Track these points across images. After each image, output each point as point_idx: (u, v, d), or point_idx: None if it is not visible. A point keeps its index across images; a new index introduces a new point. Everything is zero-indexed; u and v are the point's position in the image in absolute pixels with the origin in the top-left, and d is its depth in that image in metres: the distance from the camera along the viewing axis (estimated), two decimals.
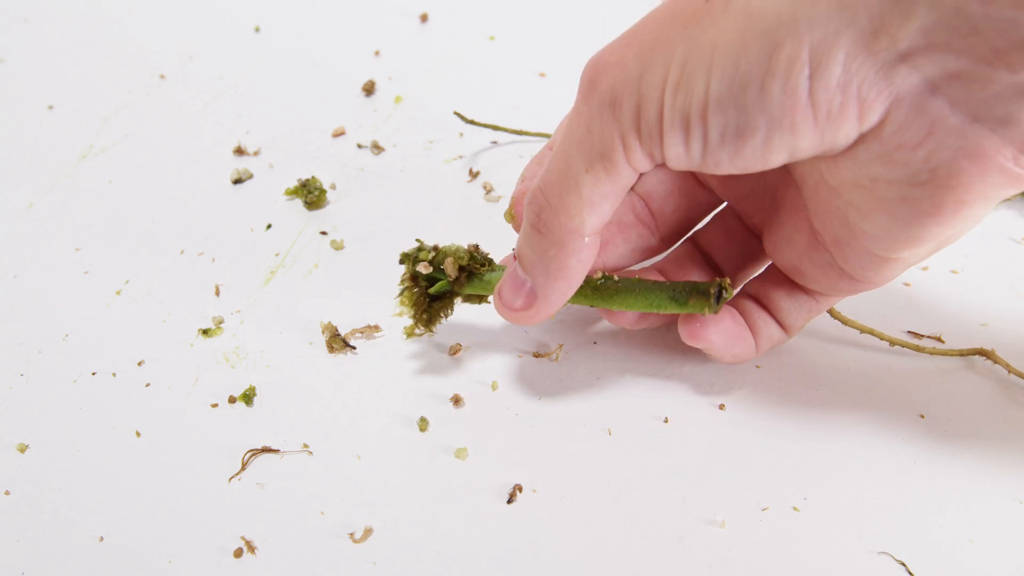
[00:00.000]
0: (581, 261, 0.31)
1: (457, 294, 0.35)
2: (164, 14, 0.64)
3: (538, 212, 0.30)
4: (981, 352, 0.36)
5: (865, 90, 0.24)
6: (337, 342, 0.39)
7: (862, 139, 0.26)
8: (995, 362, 0.36)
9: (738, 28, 0.25)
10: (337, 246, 0.44)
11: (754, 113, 0.25)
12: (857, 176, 0.27)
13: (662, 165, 0.28)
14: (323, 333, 0.39)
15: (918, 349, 0.37)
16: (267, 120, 0.53)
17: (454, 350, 0.38)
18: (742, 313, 0.35)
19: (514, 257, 0.33)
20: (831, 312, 0.37)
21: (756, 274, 0.36)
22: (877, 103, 0.25)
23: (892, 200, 0.27)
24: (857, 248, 0.29)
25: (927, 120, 0.24)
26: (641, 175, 0.29)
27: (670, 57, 0.26)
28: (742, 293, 0.36)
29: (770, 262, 0.35)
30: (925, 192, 0.26)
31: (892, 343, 0.37)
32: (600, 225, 0.30)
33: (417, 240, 0.36)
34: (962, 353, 0.36)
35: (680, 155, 0.27)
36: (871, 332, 0.37)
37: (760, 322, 0.35)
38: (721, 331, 0.34)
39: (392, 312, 0.38)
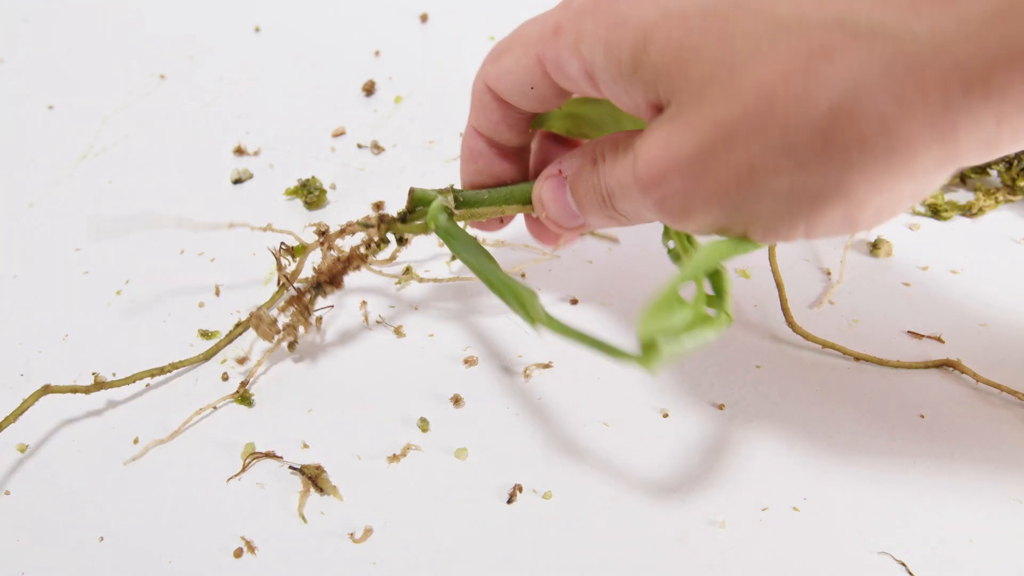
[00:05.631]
0: None
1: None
2: (164, 14, 0.64)
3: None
4: (948, 363, 0.36)
5: None
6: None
7: None
8: (963, 372, 0.36)
9: None
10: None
11: None
12: None
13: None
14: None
15: (881, 363, 0.37)
16: (267, 120, 0.54)
17: (469, 361, 0.38)
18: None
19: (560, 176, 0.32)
20: (794, 328, 0.37)
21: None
22: None
23: None
24: None
25: None
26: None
27: None
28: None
29: None
30: None
31: (857, 358, 0.37)
32: None
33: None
34: (928, 366, 0.36)
35: None
36: (833, 347, 0.37)
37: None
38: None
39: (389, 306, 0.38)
